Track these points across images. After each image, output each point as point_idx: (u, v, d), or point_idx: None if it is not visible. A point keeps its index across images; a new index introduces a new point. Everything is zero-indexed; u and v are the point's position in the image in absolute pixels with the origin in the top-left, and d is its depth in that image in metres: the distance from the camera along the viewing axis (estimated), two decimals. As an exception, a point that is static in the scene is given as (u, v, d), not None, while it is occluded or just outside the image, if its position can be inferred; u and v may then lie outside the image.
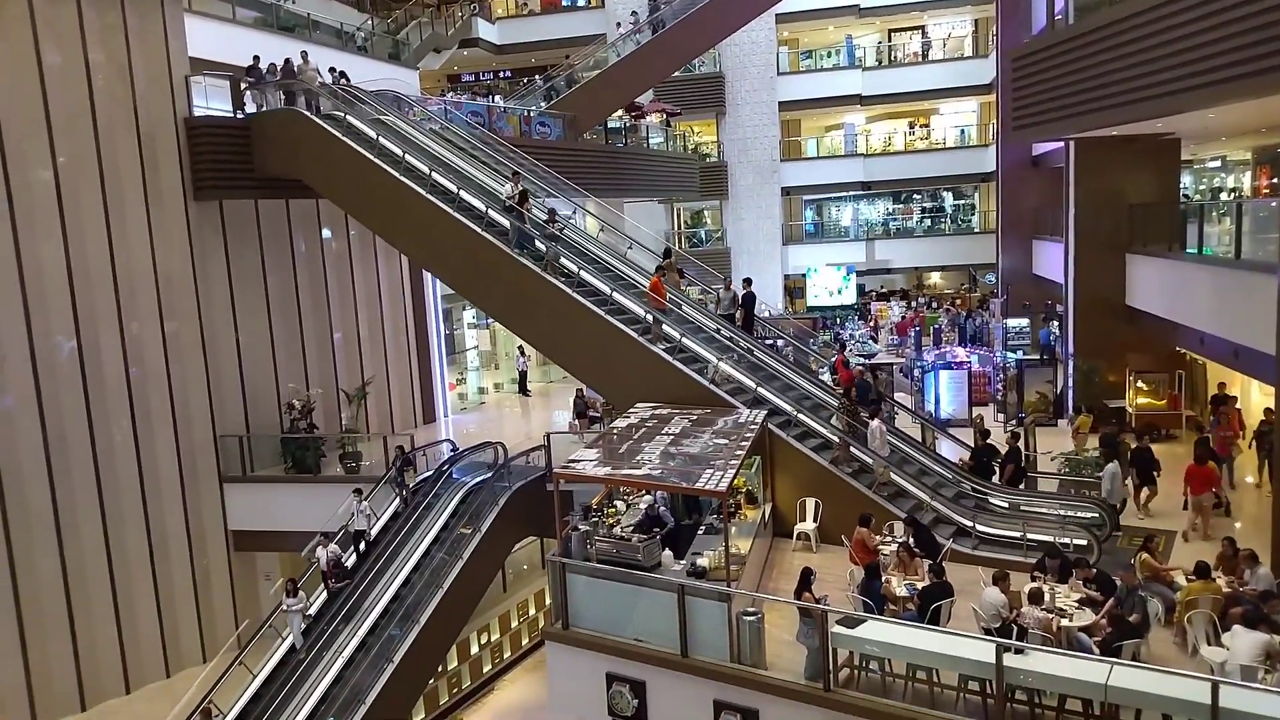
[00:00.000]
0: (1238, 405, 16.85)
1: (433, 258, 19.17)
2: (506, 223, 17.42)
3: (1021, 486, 15.51)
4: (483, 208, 17.43)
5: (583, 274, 17.09)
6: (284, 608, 15.34)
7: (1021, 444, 16.82)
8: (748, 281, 18.96)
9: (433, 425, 25.59)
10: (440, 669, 20.85)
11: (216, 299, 20.04)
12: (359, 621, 15.57)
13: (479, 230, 17.05)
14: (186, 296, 19.28)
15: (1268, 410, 15.24)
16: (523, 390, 29.06)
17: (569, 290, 16.54)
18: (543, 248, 17.12)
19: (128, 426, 18.39)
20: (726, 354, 16.38)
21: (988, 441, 16.16)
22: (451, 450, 19.56)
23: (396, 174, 17.80)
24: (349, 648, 15.14)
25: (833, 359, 18.54)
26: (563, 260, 17.19)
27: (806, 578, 10.69)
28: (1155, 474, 15.33)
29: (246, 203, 20.82)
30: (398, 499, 17.88)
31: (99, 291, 17.93)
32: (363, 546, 16.88)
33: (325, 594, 16.24)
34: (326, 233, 22.94)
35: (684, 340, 16.18)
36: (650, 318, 16.33)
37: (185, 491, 19.24)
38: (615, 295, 16.83)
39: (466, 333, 30.82)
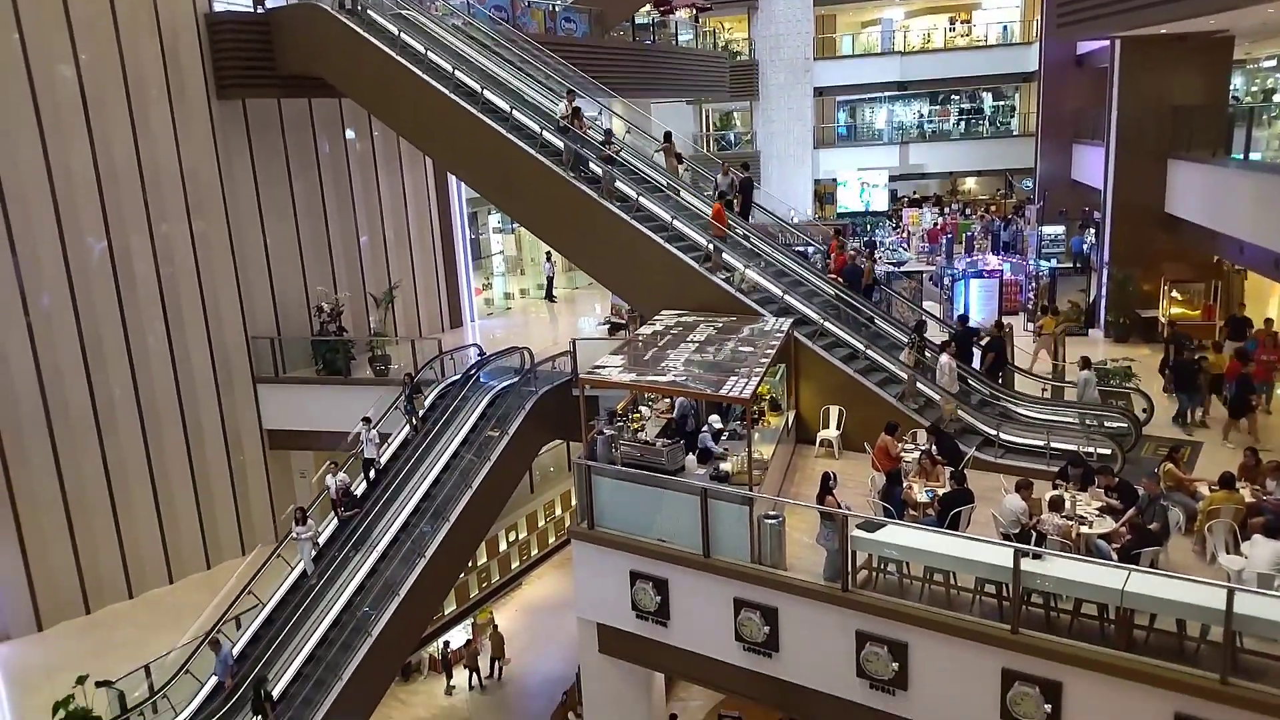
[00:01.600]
0: (1274, 328, 16.20)
1: (456, 160, 18.91)
2: (530, 123, 17.10)
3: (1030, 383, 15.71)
4: (507, 109, 17.10)
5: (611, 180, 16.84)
6: (293, 536, 15.36)
7: (1056, 353, 16.72)
8: (745, 167, 18.70)
9: (460, 330, 25.78)
10: (470, 564, 21.58)
11: (243, 200, 20.05)
12: (385, 528, 16.00)
13: (504, 132, 16.77)
14: (213, 197, 19.30)
15: (1239, 305, 14.99)
16: (549, 296, 29.09)
17: (594, 195, 16.33)
18: (598, 170, 16.64)
19: (161, 327, 18.71)
20: (753, 259, 16.23)
21: (968, 326, 16.28)
22: (479, 355, 19.75)
23: (419, 72, 17.44)
24: (380, 545, 15.64)
25: (826, 243, 18.32)
26: (592, 165, 16.88)
27: (826, 482, 10.82)
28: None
29: (270, 103, 20.58)
30: (407, 426, 17.72)
31: (127, 192, 17.98)
32: (372, 474, 16.91)
33: (336, 522, 16.38)
34: (350, 134, 22.69)
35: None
36: (710, 245, 15.95)
37: (220, 391, 19.67)
38: (641, 200, 16.60)
39: (492, 237, 30.71)
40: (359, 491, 16.80)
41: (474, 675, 21.60)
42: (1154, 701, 8.25)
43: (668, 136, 18.65)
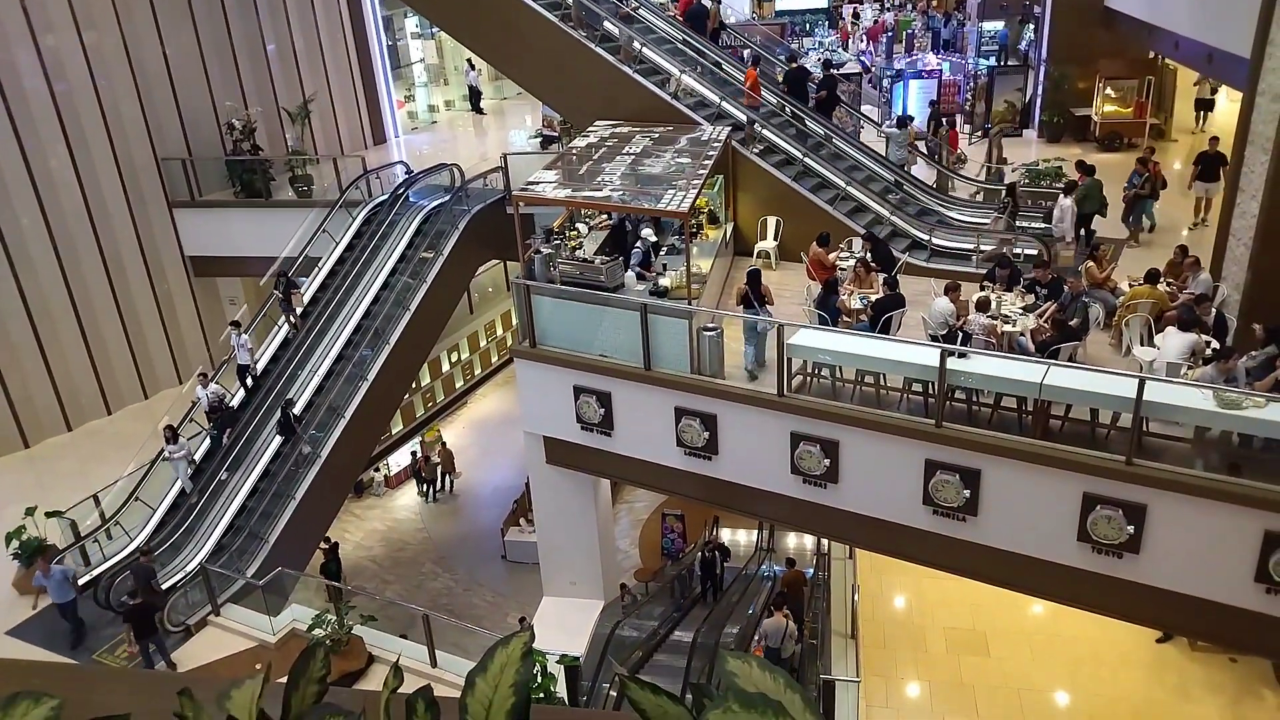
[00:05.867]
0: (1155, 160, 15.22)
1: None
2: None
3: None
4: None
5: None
6: (165, 455, 14.06)
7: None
8: None
9: (384, 146, 24.67)
10: (414, 385, 21.76)
11: (135, 6, 18.32)
12: (325, 351, 15.87)
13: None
14: (101, 3, 17.60)
15: (1212, 139, 15.01)
16: (476, 108, 27.80)
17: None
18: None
19: (63, 149, 17.47)
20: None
21: (801, 64, 16.75)
22: (406, 173, 19.03)
23: None
24: (322, 369, 15.60)
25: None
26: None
27: (752, 277, 11.12)
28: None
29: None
30: (286, 325, 16.34)
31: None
32: (249, 382, 15.60)
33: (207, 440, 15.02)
34: (245, -73, 20.63)
35: (644, 50, 15.31)
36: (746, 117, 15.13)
37: (135, 217, 18.73)
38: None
39: (410, 44, 28.83)
40: (235, 402, 15.40)
41: (429, 488, 22.34)
42: (1065, 483, 8.92)
43: None
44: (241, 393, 15.63)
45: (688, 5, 16.56)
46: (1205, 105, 20.30)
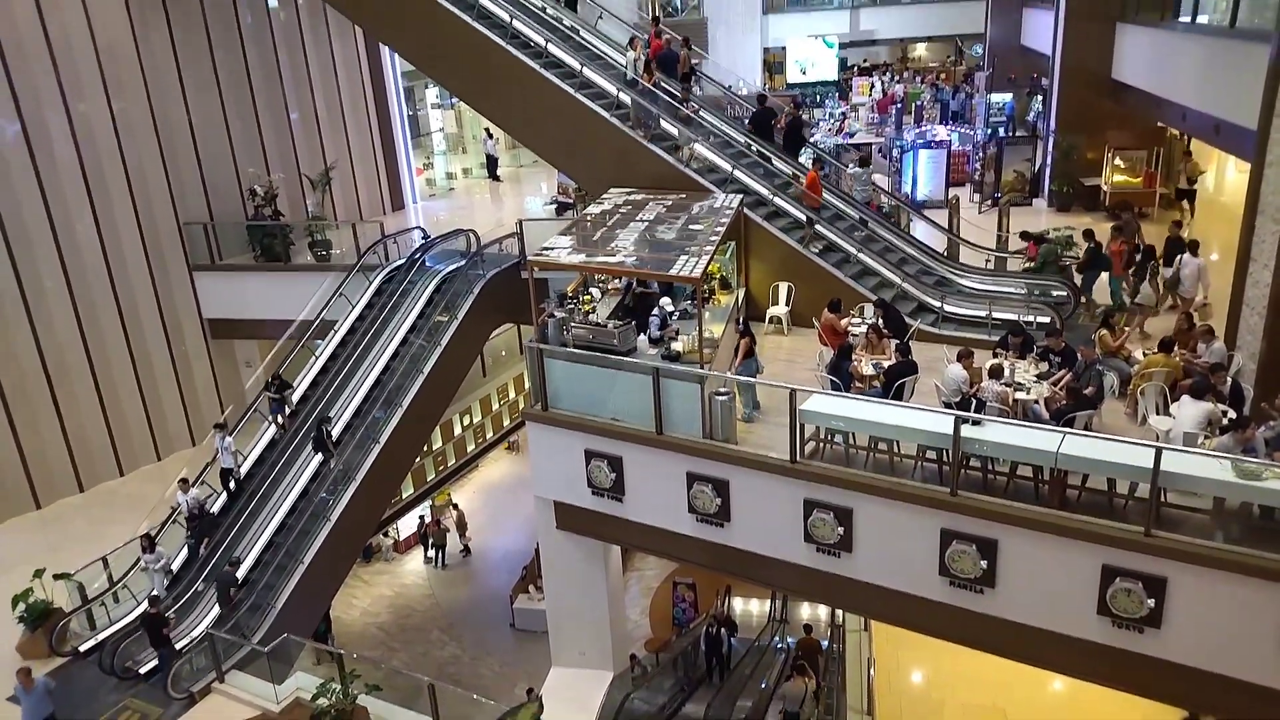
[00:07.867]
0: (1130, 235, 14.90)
1: (384, 25, 17.95)
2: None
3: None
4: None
5: (550, 48, 16.17)
6: (142, 565, 13.74)
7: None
8: None
9: (402, 212, 25.12)
10: (426, 449, 21.74)
11: (163, 75, 18.92)
12: (341, 411, 15.87)
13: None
14: (131, 71, 18.18)
15: (1174, 223, 14.99)
16: (493, 175, 28.34)
17: (536, 66, 15.72)
18: (671, 129, 15.73)
19: (88, 212, 17.87)
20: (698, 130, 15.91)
21: (766, 105, 16.82)
22: (423, 238, 19.32)
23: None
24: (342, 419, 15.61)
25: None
26: (525, 31, 16.18)
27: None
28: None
29: (183, -31, 19.20)
30: (272, 426, 16.13)
31: (37, 67, 16.81)
32: (232, 485, 15.23)
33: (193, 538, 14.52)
34: (273, 1, 21.35)
35: (661, 122, 15.63)
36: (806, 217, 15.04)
37: (155, 279, 19.05)
38: (585, 71, 16.02)
39: (430, 113, 29.58)
40: (216, 508, 15.08)
41: (440, 553, 22.15)
42: (1083, 555, 8.74)
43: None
44: (224, 497, 15.24)
45: (659, 50, 16.96)
46: (1186, 195, 18.84)
